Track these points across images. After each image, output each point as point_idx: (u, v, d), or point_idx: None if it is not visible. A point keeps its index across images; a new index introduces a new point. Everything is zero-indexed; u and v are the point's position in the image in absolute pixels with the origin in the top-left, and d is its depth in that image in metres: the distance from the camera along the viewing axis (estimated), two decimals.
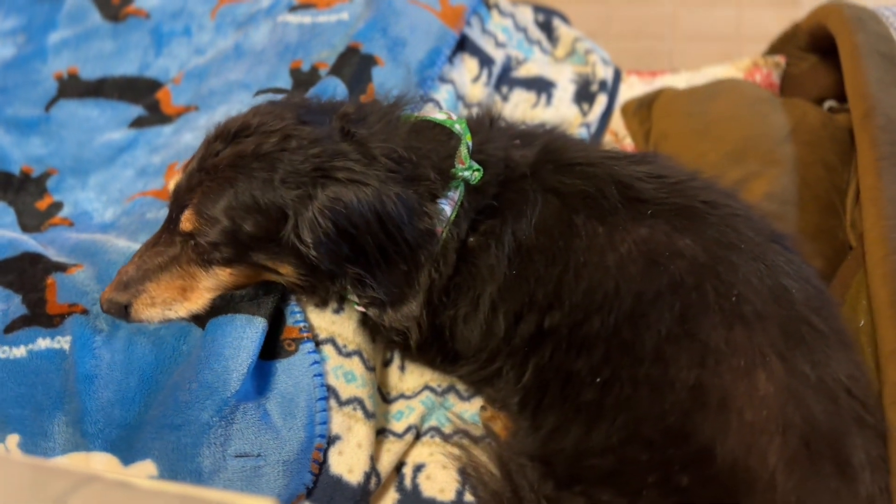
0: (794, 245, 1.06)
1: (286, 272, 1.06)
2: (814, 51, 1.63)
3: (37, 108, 1.56)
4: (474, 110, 1.24)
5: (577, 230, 1.02)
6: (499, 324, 1.06)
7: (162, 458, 0.99)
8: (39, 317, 1.14)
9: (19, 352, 1.11)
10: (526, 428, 1.04)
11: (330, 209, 0.98)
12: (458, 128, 1.11)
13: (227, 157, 1.01)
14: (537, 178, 1.08)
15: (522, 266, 1.04)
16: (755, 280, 0.96)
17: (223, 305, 1.09)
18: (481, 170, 1.08)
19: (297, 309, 1.13)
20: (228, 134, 1.04)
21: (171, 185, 1.07)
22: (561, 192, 1.06)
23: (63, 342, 1.11)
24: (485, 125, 1.18)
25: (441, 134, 1.11)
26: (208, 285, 1.06)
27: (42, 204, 1.43)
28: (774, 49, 1.74)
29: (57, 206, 1.43)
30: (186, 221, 1.02)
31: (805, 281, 1.00)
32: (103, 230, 1.34)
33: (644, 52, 2.13)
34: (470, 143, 1.10)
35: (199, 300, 1.07)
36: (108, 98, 1.57)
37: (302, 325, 1.12)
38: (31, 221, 1.40)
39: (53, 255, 1.24)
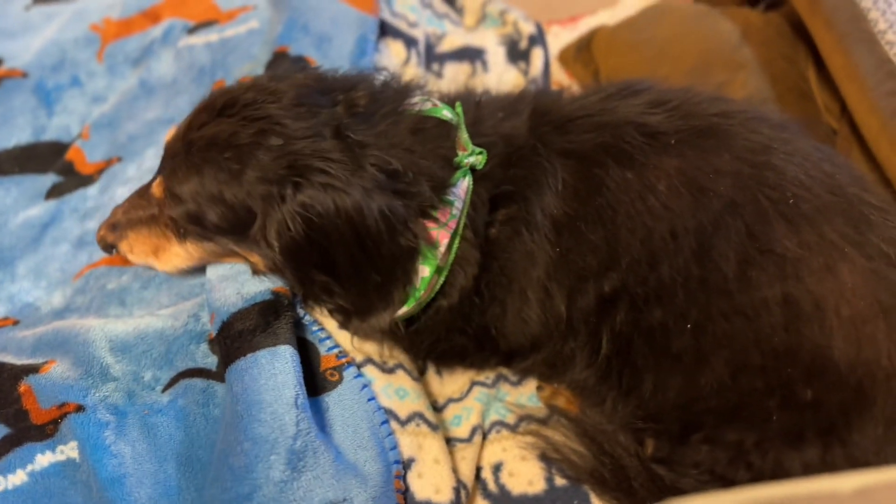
0: (805, 132, 1.05)
1: (256, 262, 1.00)
2: None
3: None
4: (449, 91, 1.15)
5: (608, 185, 0.95)
6: (556, 306, 0.98)
7: None
8: (27, 431, 0.96)
9: (17, 478, 0.93)
10: (614, 396, 0.97)
11: (301, 214, 0.89)
12: (446, 114, 1.02)
13: (203, 139, 0.94)
14: (543, 146, 1.00)
15: (566, 241, 0.96)
16: (803, 176, 0.92)
17: (235, 348, 0.95)
18: (484, 152, 0.99)
19: (324, 335, 1.02)
20: (214, 108, 0.96)
21: (166, 139, 1.02)
22: (575, 151, 0.99)
23: (68, 451, 0.94)
24: (471, 105, 1.08)
25: (443, 130, 1.01)
26: (180, 253, 1.03)
27: None
28: None
29: None
30: (156, 188, 1.00)
31: (838, 163, 0.98)
32: (58, 318, 1.15)
33: (541, 4, 2.10)
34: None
35: (170, 264, 1.05)
36: (8, 174, 1.36)
37: (337, 350, 1.01)
38: None
39: (14, 359, 1.05)
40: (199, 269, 1.09)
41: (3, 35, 1.56)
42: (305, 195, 0.89)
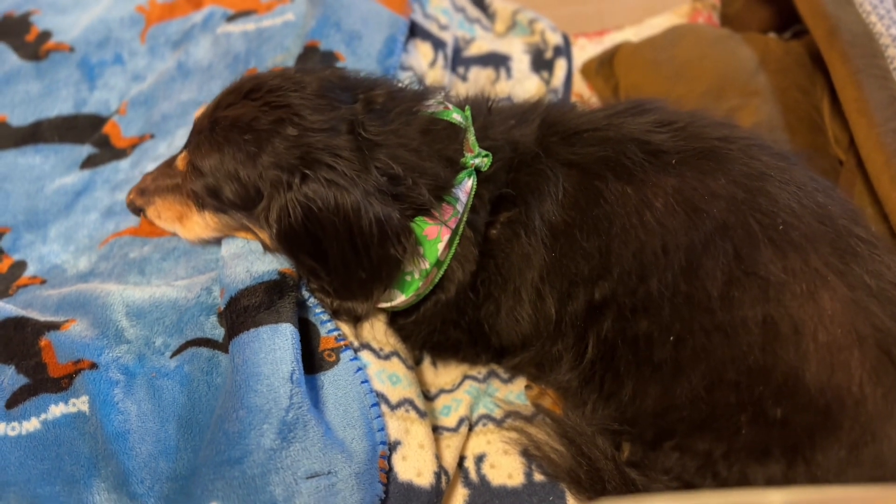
0: (805, 163, 1.08)
1: (264, 238, 1.06)
2: None
3: None
4: (466, 94, 1.20)
5: (606, 197, 1.00)
6: (548, 308, 1.03)
7: (229, 497, 0.90)
8: (44, 383, 1.03)
9: (31, 425, 1.00)
10: (595, 400, 1.01)
11: (302, 204, 0.95)
12: (456, 117, 1.07)
13: (228, 119, 1.00)
14: (548, 155, 1.05)
15: (561, 246, 1.01)
16: (795, 204, 0.96)
17: (240, 322, 1.01)
18: (490, 155, 1.05)
19: (326, 318, 1.07)
20: (241, 90, 1.03)
21: (196, 114, 1.10)
22: (578, 163, 1.03)
23: (80, 404, 1.01)
24: (482, 110, 1.14)
25: (451, 132, 1.07)
26: (200, 222, 1.10)
27: (2, 267, 1.30)
28: None
29: (20, 266, 1.30)
30: (181, 161, 1.06)
31: (833, 195, 1.01)
32: (82, 281, 1.23)
33: (572, 16, 2.14)
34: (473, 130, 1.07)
35: (192, 232, 1.12)
36: (49, 142, 1.44)
37: (337, 333, 1.06)
38: None
39: (38, 315, 1.12)
40: (216, 245, 1.15)
41: (54, 10, 1.64)
42: (309, 187, 0.95)
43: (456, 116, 1.06)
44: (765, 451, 0.89)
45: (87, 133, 1.46)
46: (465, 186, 1.03)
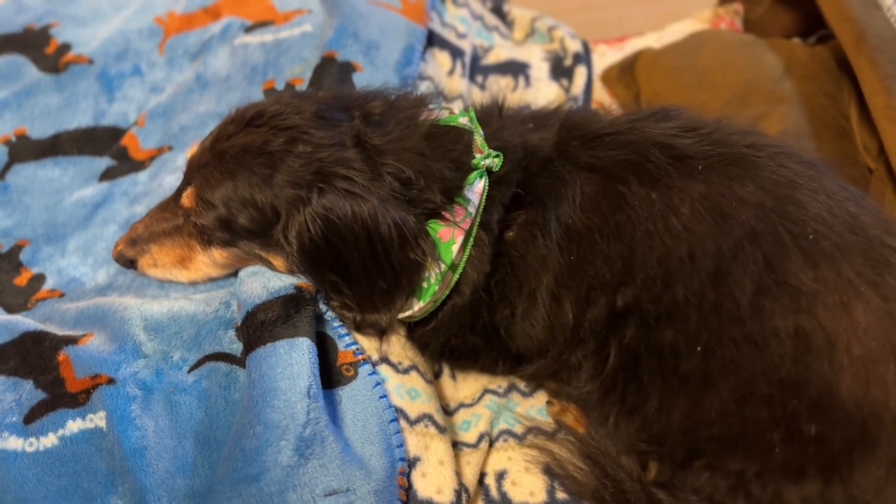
0: (834, 171, 1.05)
1: (278, 264, 1.05)
2: None
3: None
4: (479, 101, 1.19)
5: (629, 202, 0.98)
6: (565, 313, 1.01)
7: None
8: (61, 398, 1.02)
9: (49, 441, 0.99)
10: (617, 413, 0.99)
11: (322, 217, 0.95)
12: (462, 120, 1.07)
13: (235, 147, 1.00)
14: (567, 158, 1.04)
15: (580, 249, 0.99)
16: (825, 213, 0.93)
17: (256, 337, 1.00)
18: (501, 155, 1.04)
19: (344, 332, 1.06)
20: (243, 120, 1.03)
21: (188, 155, 1.09)
22: (598, 166, 1.02)
23: (97, 419, 1.00)
24: (494, 114, 1.14)
25: (456, 135, 1.06)
26: (206, 261, 1.09)
27: (21, 280, 1.30)
28: None
29: (39, 279, 1.30)
30: (186, 199, 1.04)
31: (864, 204, 0.98)
32: (100, 294, 1.22)
33: (592, 23, 2.13)
34: (482, 132, 1.06)
35: (198, 273, 1.11)
36: (68, 154, 1.44)
37: (355, 347, 1.04)
38: (15, 300, 1.27)
39: (56, 329, 1.12)
40: None
41: (74, 22, 1.64)
42: (327, 200, 0.95)
43: (462, 120, 1.06)
44: (800, 469, 0.87)
45: (105, 145, 1.46)
46: (477, 187, 1.01)
